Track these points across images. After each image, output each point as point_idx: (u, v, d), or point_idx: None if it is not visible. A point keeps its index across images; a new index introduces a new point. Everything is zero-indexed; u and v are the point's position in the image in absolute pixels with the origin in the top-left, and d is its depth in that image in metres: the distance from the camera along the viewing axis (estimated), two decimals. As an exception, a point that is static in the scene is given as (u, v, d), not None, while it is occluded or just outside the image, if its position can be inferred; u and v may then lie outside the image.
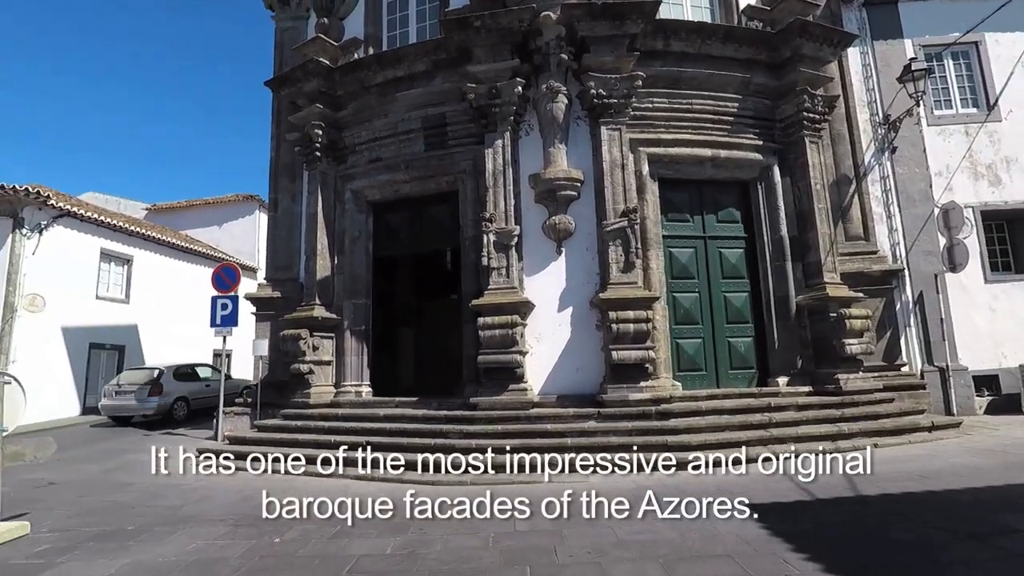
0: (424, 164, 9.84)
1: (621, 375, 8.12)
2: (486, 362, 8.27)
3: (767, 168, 9.66)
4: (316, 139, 10.21)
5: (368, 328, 10.16)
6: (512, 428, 7.61)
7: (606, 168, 8.78)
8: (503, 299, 8.40)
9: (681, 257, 9.41)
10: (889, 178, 10.31)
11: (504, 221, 8.79)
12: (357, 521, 5.14)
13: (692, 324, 9.28)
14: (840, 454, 6.92)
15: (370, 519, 5.15)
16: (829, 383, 8.65)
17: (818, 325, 9.03)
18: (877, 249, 9.98)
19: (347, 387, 9.79)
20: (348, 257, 10.20)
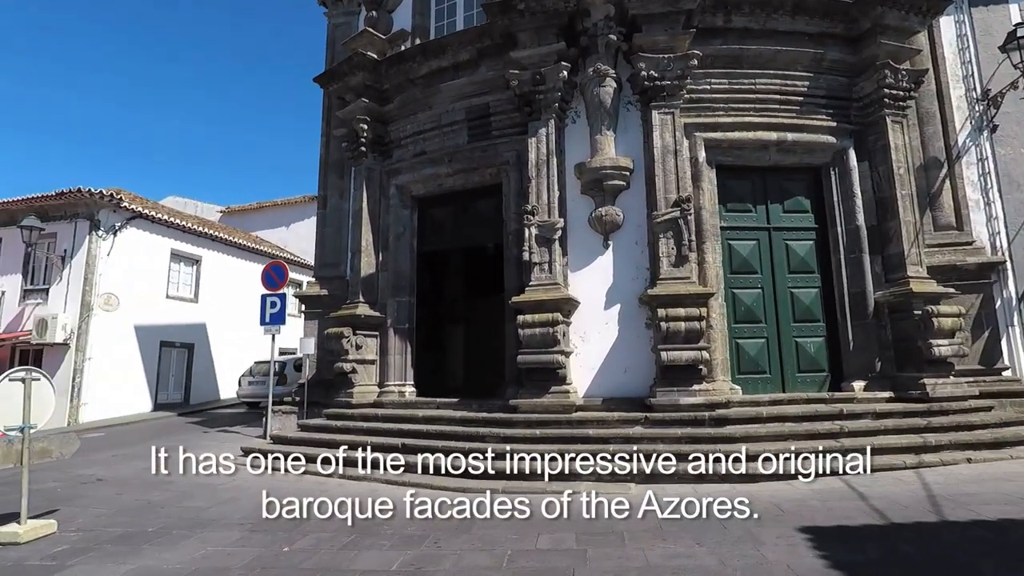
0: (467, 156, 9.53)
1: (671, 377, 7.50)
2: (526, 362, 7.85)
3: (841, 152, 8.73)
4: (361, 134, 10.11)
5: (412, 326, 9.96)
6: (552, 433, 7.15)
7: (657, 155, 8.16)
8: (544, 296, 7.95)
9: (742, 250, 8.64)
10: (988, 160, 9.10)
11: (547, 213, 8.34)
12: (373, 528, 4.87)
13: (754, 323, 8.50)
14: (925, 469, 6.13)
15: (386, 527, 4.86)
16: (913, 388, 7.68)
17: (900, 324, 8.05)
18: (972, 239, 8.83)
19: (390, 387, 9.62)
20: (392, 254, 10.04)
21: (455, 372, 11.84)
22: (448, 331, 11.68)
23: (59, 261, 14.03)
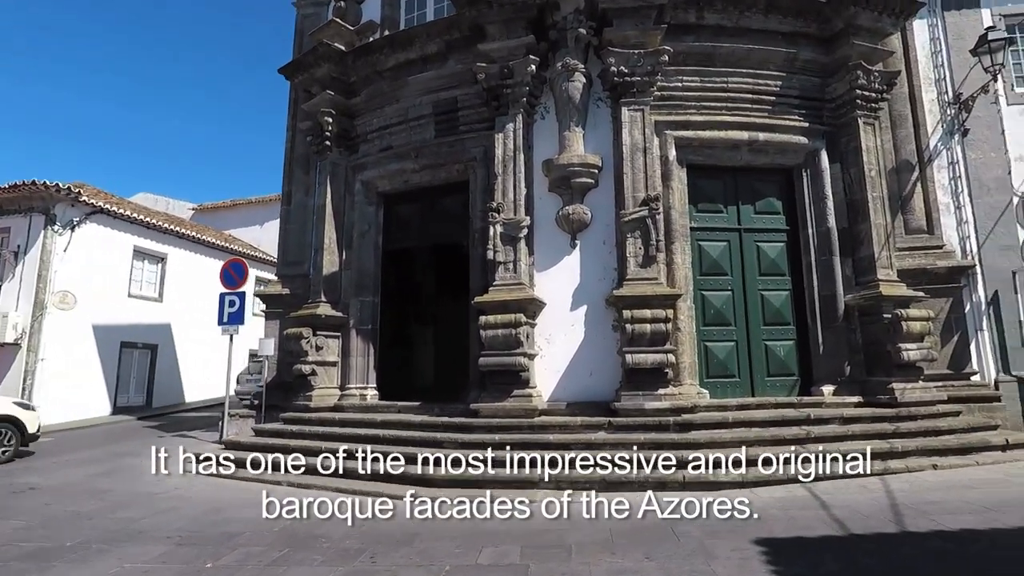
0: (434, 152, 9.26)
1: (637, 381, 7.28)
2: (488, 365, 7.59)
3: (813, 153, 8.60)
4: (326, 127, 9.77)
5: (376, 327, 9.65)
6: (513, 438, 6.88)
7: (626, 152, 7.95)
8: (508, 296, 7.70)
9: (712, 251, 8.47)
10: (959, 163, 9.04)
11: (513, 211, 8.10)
12: (308, 541, 4.57)
13: (723, 325, 8.33)
14: (891, 476, 5.98)
15: (323, 541, 4.57)
16: (882, 393, 7.56)
17: (870, 328, 7.93)
18: (943, 243, 8.74)
19: (352, 390, 9.29)
20: (356, 252, 9.72)
21: (424, 374, 11.50)
22: (417, 332, 11.35)
23: (11, 257, 13.47)
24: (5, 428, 9.22)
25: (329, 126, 9.77)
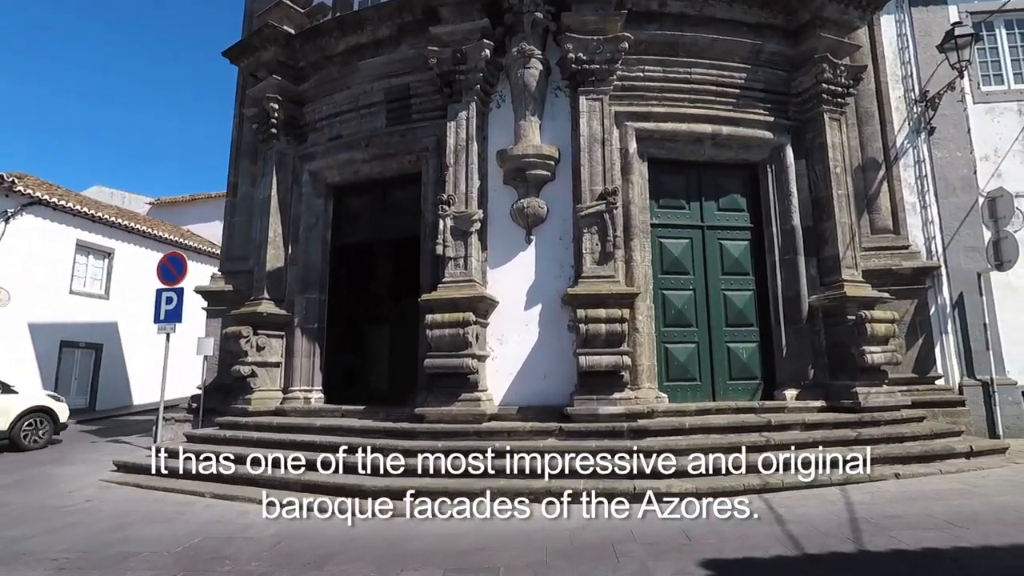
0: (385, 141, 8.76)
1: (591, 385, 6.89)
2: (434, 367, 7.13)
3: (778, 148, 8.31)
4: (272, 114, 9.22)
5: (322, 326, 9.11)
6: (457, 445, 6.41)
7: (583, 143, 7.56)
8: (457, 294, 7.25)
9: (674, 249, 8.12)
10: (925, 162, 8.83)
11: (464, 204, 7.65)
12: (211, 563, 4.08)
13: (685, 326, 7.98)
14: (852, 486, 5.65)
15: (227, 563, 4.07)
16: (846, 397, 7.28)
17: (834, 329, 7.65)
18: (908, 243, 8.52)
19: (295, 392, 8.75)
20: (302, 246, 9.18)
21: (379, 376, 10.97)
22: (371, 332, 10.82)
23: (-62, 249, 12.62)
24: (41, 418, 10.29)
25: (275, 113, 9.22)
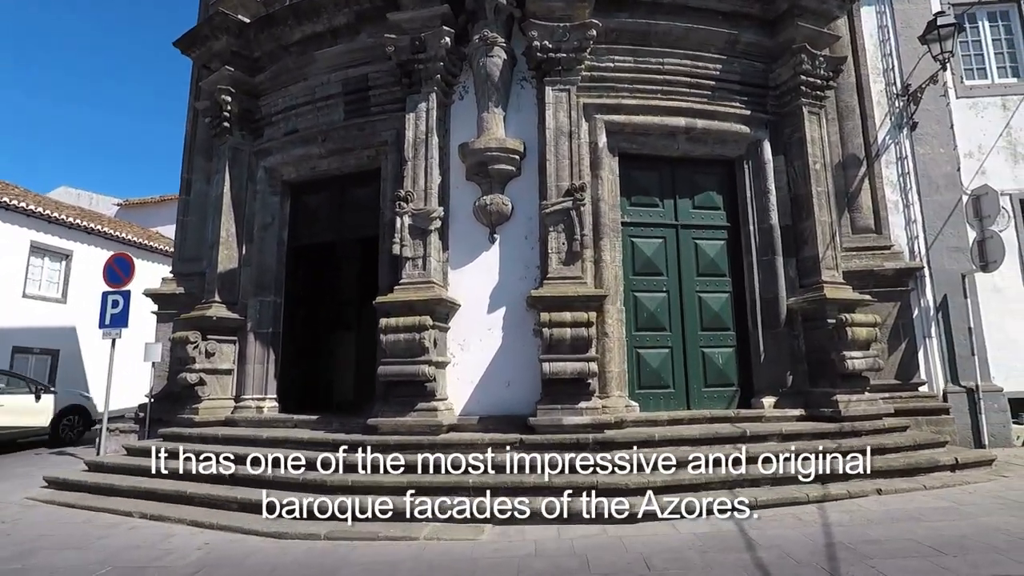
0: (343, 135, 8.27)
1: (555, 393, 6.45)
2: (388, 374, 6.65)
3: (756, 144, 7.93)
4: (224, 107, 8.70)
5: (277, 331, 8.60)
6: (410, 460, 5.94)
7: (549, 136, 7.13)
8: (415, 296, 6.78)
9: (646, 249, 7.71)
10: (907, 159, 8.50)
11: (424, 200, 7.19)
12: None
13: (658, 330, 7.56)
14: (831, 504, 5.24)
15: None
16: (825, 405, 6.90)
17: (814, 334, 7.27)
18: (891, 243, 8.16)
19: (247, 401, 8.23)
20: (257, 246, 8.66)
21: (343, 384, 10.49)
22: (333, 337, 10.33)
23: None
24: (76, 416, 11.50)
25: (228, 105, 8.70)
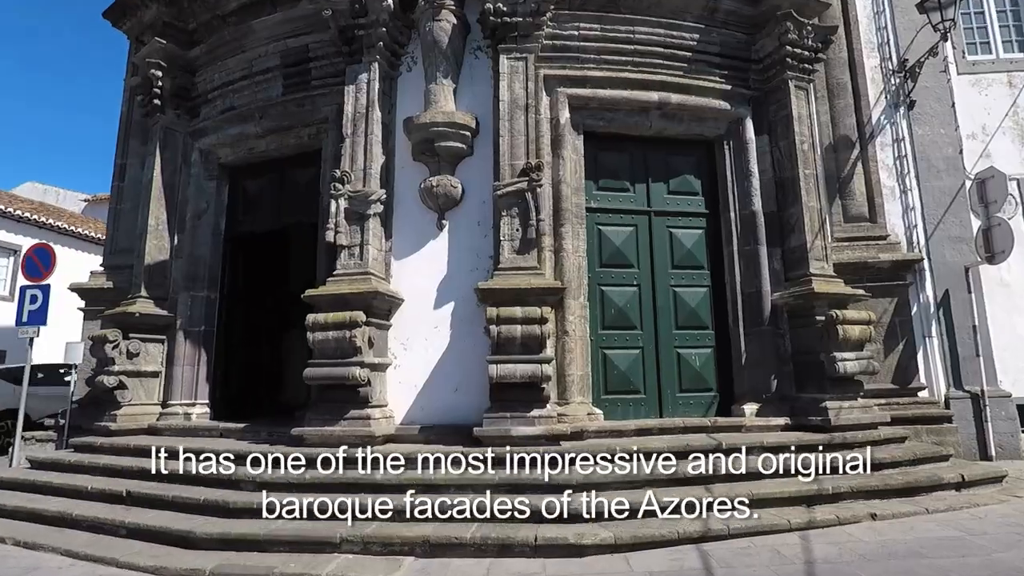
0: (281, 112, 7.48)
1: (505, 399, 5.65)
2: (315, 377, 5.86)
3: (737, 122, 7.16)
4: (155, 82, 7.89)
5: (211, 328, 7.79)
6: (331, 478, 5.13)
7: (504, 110, 6.35)
8: (349, 288, 5.98)
9: (615, 238, 6.92)
10: (904, 141, 7.72)
11: (362, 182, 6.39)
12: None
13: (627, 329, 6.77)
14: (816, 532, 4.44)
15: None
16: (814, 413, 6.11)
17: (801, 332, 6.49)
18: (887, 233, 7.38)
19: (175, 407, 7.41)
20: (189, 236, 7.85)
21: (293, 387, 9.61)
22: (277, 336, 9.50)
23: None
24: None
25: (159, 81, 7.89)
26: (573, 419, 5.86)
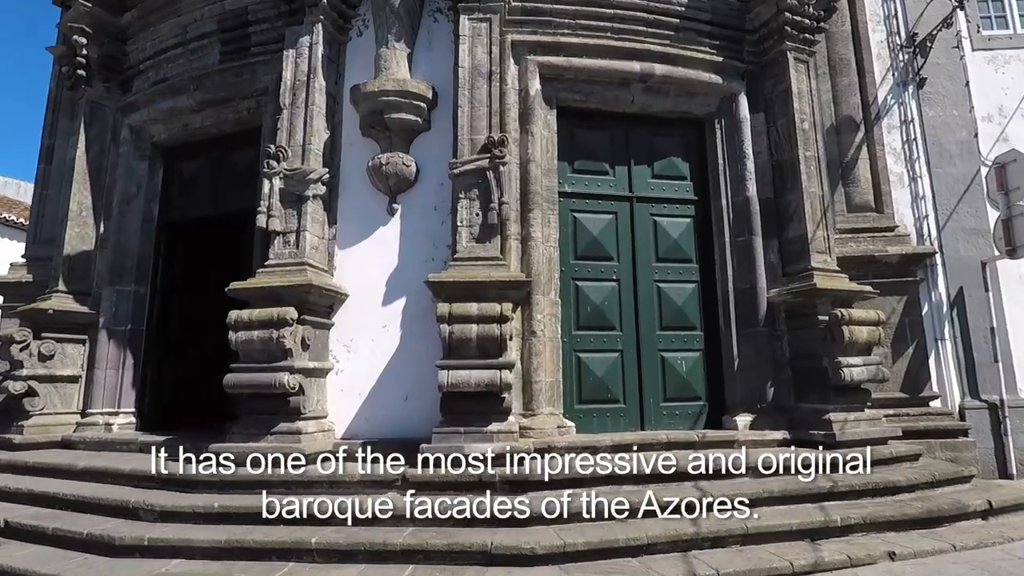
0: (217, 82, 6.62)
1: (458, 412, 4.84)
2: (238, 384, 5.05)
3: (730, 98, 6.39)
4: (79, 50, 7.02)
5: (139, 327, 6.91)
6: (243, 507, 4.29)
7: (464, 77, 5.54)
8: (280, 281, 5.16)
9: (591, 226, 6.12)
10: (914, 123, 6.98)
11: (301, 159, 5.56)
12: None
13: (605, 329, 5.97)
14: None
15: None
16: (816, 426, 5.35)
17: (801, 334, 5.73)
18: (895, 224, 6.64)
19: (95, 416, 6.54)
20: (116, 223, 6.98)
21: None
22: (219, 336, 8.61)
23: None
24: None
25: (83, 49, 7.01)
26: (540, 433, 5.07)
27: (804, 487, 4.50)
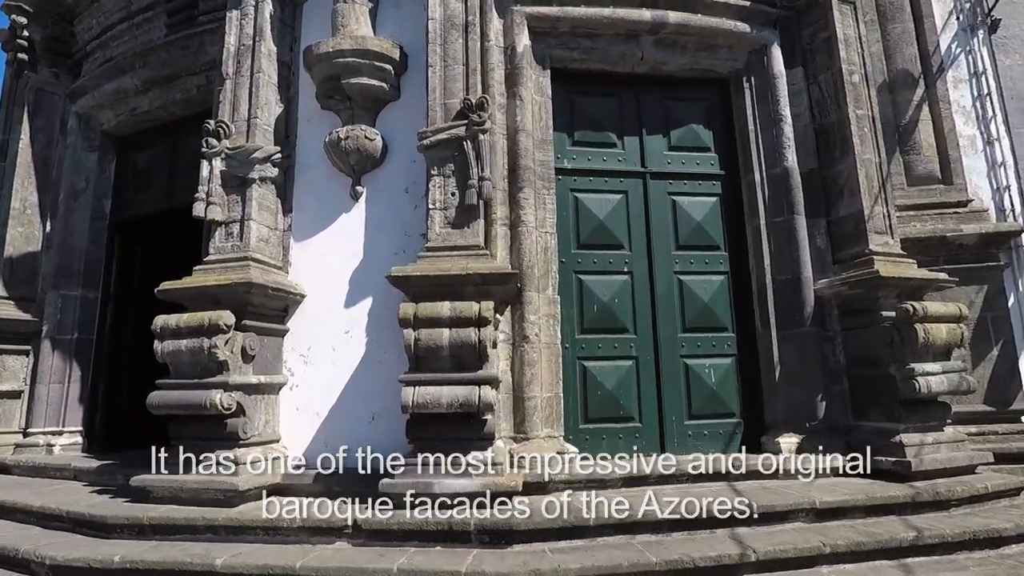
0: (164, 58, 5.81)
1: (427, 437, 3.88)
2: (163, 403, 4.14)
3: (760, 51, 5.32)
4: (19, 32, 6.30)
5: (89, 336, 6.15)
6: (162, 560, 3.39)
7: (434, 31, 4.58)
8: (217, 280, 4.27)
9: (597, 208, 5.10)
10: (987, 74, 5.83)
11: (247, 136, 4.67)
12: None
13: (615, 332, 4.95)
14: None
15: None
16: (883, 451, 4.25)
17: (859, 335, 4.64)
18: (968, 198, 5.50)
19: (36, 436, 5.77)
20: (62, 221, 6.22)
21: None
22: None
23: None
24: None
25: (24, 31, 6.30)
26: (535, 462, 4.06)
27: (876, 539, 3.40)
